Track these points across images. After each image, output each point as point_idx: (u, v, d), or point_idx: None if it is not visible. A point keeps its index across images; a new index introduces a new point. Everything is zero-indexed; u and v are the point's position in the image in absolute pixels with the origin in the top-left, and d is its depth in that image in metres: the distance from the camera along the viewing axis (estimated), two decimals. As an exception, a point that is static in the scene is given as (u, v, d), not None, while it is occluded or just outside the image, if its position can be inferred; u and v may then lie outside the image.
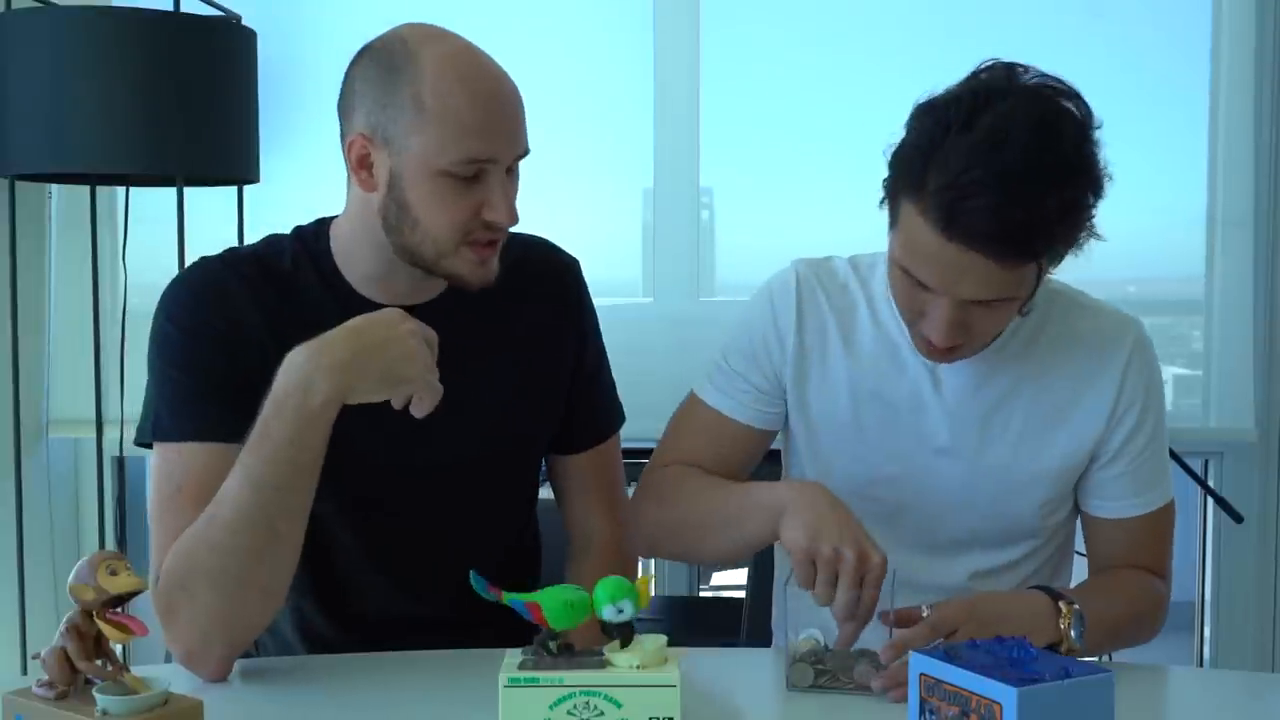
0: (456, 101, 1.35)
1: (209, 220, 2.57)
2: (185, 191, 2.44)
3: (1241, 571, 2.85)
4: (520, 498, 1.64)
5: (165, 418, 1.41)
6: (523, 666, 1.13)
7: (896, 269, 1.39)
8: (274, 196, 2.63)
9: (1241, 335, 2.73)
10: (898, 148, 1.36)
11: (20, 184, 2.58)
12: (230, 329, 1.43)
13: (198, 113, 2.30)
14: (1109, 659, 1.63)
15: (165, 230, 2.45)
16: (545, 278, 1.60)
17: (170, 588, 1.32)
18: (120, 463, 2.66)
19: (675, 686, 1.12)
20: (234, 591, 1.30)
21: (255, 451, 1.28)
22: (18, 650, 2.54)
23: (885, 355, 1.53)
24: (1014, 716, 0.97)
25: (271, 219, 2.42)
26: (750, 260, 2.72)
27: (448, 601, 1.51)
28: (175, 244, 2.42)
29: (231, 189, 2.61)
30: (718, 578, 3.89)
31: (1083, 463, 1.53)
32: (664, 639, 1.16)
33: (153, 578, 1.34)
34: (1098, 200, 1.34)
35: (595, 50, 2.78)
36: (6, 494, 2.58)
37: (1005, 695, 0.98)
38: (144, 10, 2.37)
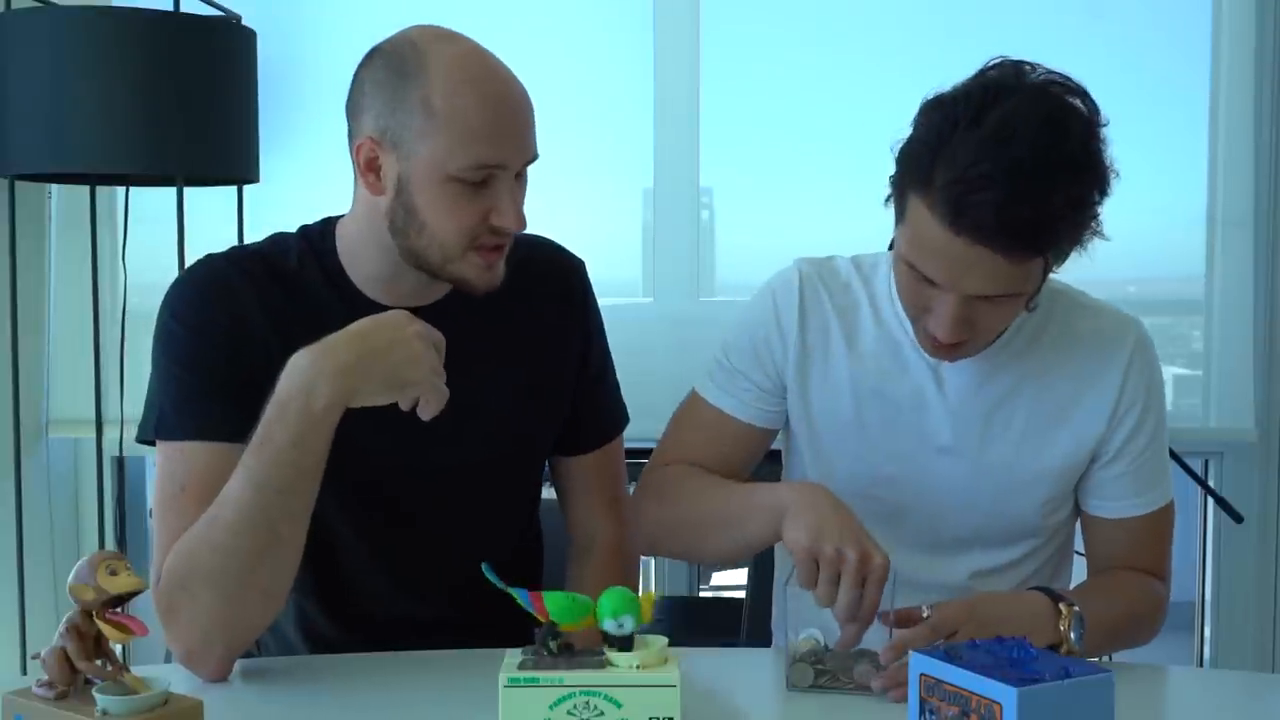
0: (467, 107, 1.35)
1: (209, 220, 2.56)
2: (185, 191, 2.43)
3: (1241, 571, 2.85)
4: (524, 498, 1.64)
5: (169, 416, 1.41)
6: (523, 666, 1.13)
7: (902, 265, 1.39)
8: (274, 196, 2.62)
9: (1241, 335, 2.73)
10: (905, 143, 1.36)
11: (20, 184, 2.58)
12: (235, 327, 1.42)
13: (198, 113, 2.30)
14: (1109, 659, 1.63)
15: (165, 230, 2.45)
16: (551, 278, 1.59)
17: (171, 587, 1.32)
18: (120, 463, 2.66)
19: (675, 686, 1.12)
20: (235, 592, 1.30)
21: (257, 454, 1.28)
22: (18, 650, 2.53)
23: (887, 354, 1.53)
24: (1014, 716, 0.97)
25: (271, 219, 2.42)
26: (750, 260, 2.72)
27: (450, 602, 1.52)
28: (175, 244, 2.42)
29: (231, 189, 2.61)
30: (718, 578, 3.89)
31: (1084, 462, 1.53)
32: (664, 640, 1.15)
33: (154, 577, 1.34)
34: (1104, 198, 1.34)
35: (595, 50, 2.78)
36: (6, 494, 2.58)
37: (1005, 695, 0.98)
38: (144, 10, 2.36)
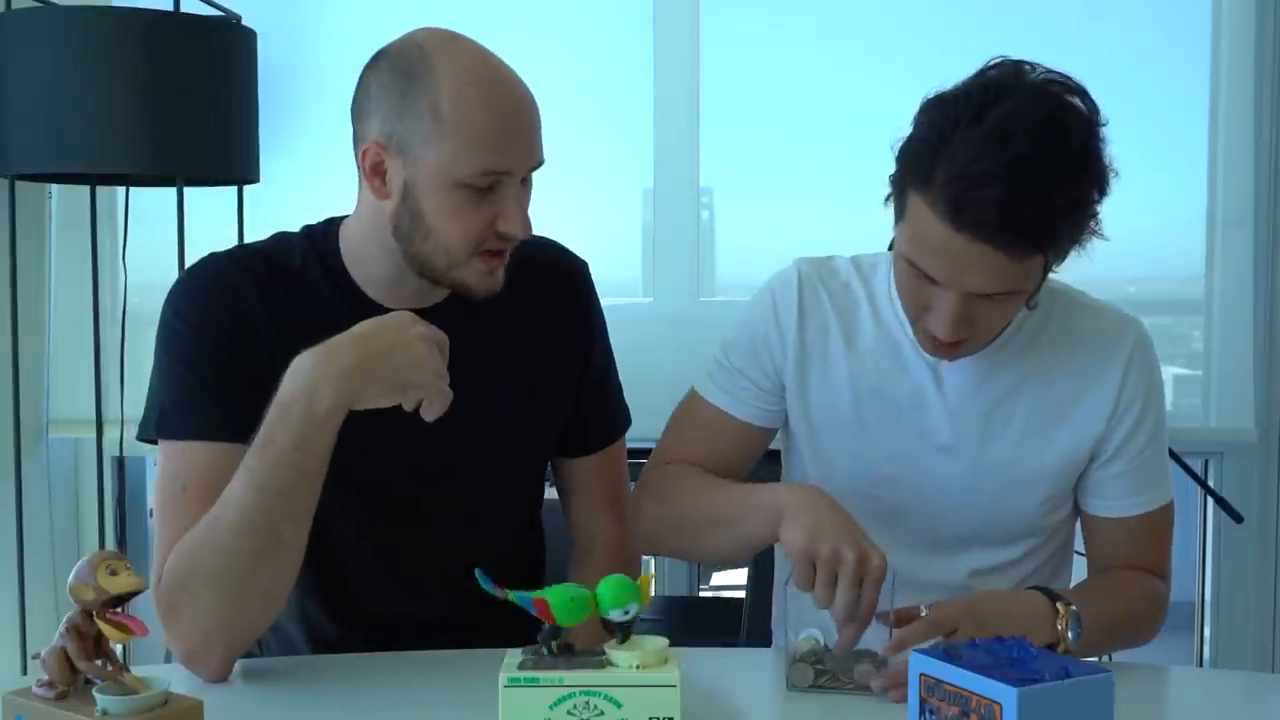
0: (475, 114, 1.34)
1: (209, 220, 2.57)
2: (185, 191, 2.44)
3: (1241, 571, 2.85)
4: (526, 499, 1.64)
5: (171, 414, 1.41)
6: (523, 666, 1.13)
7: (903, 263, 1.39)
8: (274, 196, 2.63)
9: (1241, 335, 2.73)
10: (905, 142, 1.36)
11: (20, 184, 2.58)
12: (238, 325, 1.42)
13: (198, 113, 2.30)
14: (1109, 659, 1.63)
15: (165, 230, 2.45)
16: (554, 280, 1.59)
17: (172, 587, 1.31)
18: (120, 463, 2.66)
19: (675, 686, 1.12)
20: (236, 593, 1.30)
21: (259, 456, 1.28)
22: (18, 650, 2.53)
23: (887, 354, 1.53)
24: (1014, 716, 0.97)
25: (271, 219, 2.42)
26: (750, 260, 2.72)
27: (453, 602, 1.52)
28: (175, 244, 2.42)
29: (231, 189, 2.61)
30: (718, 578, 3.89)
31: (1083, 461, 1.53)
32: (665, 641, 1.15)
33: (155, 577, 1.34)
34: (1103, 196, 1.34)
35: (595, 50, 2.78)
36: (6, 494, 2.58)
37: (1005, 695, 0.98)
38: (144, 10, 2.36)
